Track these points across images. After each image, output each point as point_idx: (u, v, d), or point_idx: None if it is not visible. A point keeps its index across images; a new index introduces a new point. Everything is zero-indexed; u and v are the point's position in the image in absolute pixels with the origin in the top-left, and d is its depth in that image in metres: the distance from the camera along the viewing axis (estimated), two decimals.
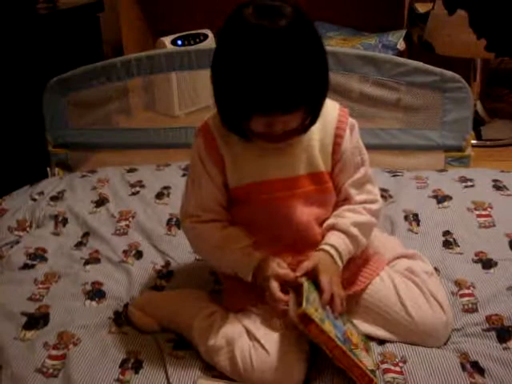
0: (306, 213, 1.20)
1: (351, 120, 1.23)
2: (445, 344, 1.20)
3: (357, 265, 1.24)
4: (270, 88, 1.02)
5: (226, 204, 1.23)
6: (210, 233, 1.21)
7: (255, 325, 1.15)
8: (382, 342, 1.20)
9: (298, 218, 1.19)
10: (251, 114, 1.07)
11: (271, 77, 1.02)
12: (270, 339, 1.12)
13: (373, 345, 1.19)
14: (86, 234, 1.65)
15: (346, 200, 1.23)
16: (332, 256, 1.16)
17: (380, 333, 1.20)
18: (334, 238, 1.18)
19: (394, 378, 1.11)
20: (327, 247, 1.17)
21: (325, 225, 1.21)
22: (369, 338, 1.20)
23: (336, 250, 1.17)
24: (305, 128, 1.14)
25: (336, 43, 2.83)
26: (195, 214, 1.22)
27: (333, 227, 1.19)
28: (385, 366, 1.14)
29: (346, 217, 1.20)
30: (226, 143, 1.18)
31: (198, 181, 1.22)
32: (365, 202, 1.22)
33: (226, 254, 1.19)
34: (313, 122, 1.14)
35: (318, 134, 1.19)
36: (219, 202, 1.22)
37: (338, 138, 1.20)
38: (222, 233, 1.21)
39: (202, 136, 1.20)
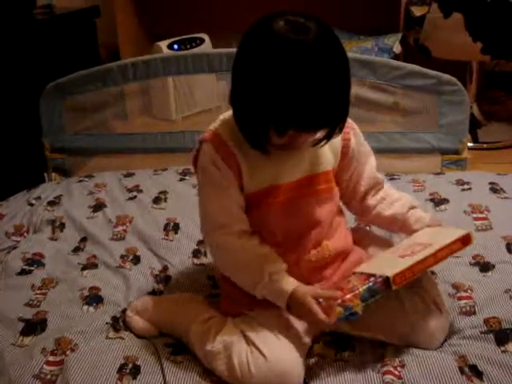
0: (318, 211, 1.22)
1: (350, 122, 1.26)
2: (442, 346, 1.20)
3: (352, 264, 1.25)
4: (314, 105, 1.03)
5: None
6: (242, 251, 1.17)
7: (252, 329, 1.15)
8: (380, 345, 1.20)
9: (312, 216, 1.21)
10: (286, 130, 1.06)
11: (316, 93, 1.02)
12: (268, 344, 1.12)
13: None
14: (83, 239, 1.64)
15: (378, 184, 1.32)
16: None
17: (377, 334, 1.21)
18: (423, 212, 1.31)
19: (393, 380, 1.11)
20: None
21: (397, 209, 1.29)
22: (367, 339, 1.21)
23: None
24: (327, 138, 1.13)
25: None
26: (225, 224, 1.17)
27: (411, 207, 1.30)
28: (385, 368, 1.14)
29: (406, 196, 1.34)
30: (240, 150, 1.16)
31: (220, 188, 1.17)
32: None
33: (258, 277, 1.14)
34: (335, 133, 1.13)
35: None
36: (243, 209, 1.20)
37: (345, 141, 1.25)
38: (255, 251, 1.17)
39: (213, 144, 1.17)
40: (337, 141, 1.22)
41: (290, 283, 1.13)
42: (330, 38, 1.05)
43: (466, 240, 1.19)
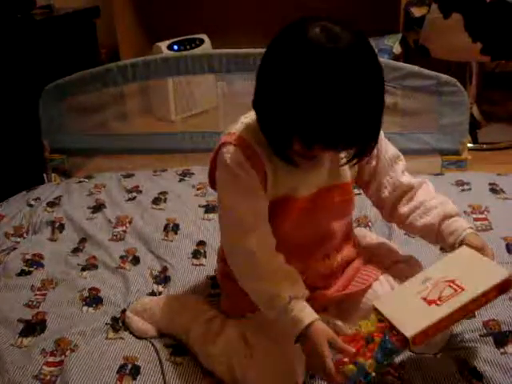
0: (332, 224, 1.19)
1: None
2: (442, 350, 1.19)
3: (356, 267, 1.25)
4: (345, 120, 0.95)
5: None
6: (268, 261, 1.09)
7: (253, 332, 1.15)
8: None
9: (325, 229, 1.19)
10: (313, 145, 1.00)
11: (349, 108, 0.94)
12: (267, 346, 1.11)
13: None
14: (82, 240, 1.64)
15: (408, 191, 1.22)
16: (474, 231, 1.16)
17: None
18: (462, 221, 1.18)
19: (393, 382, 1.11)
20: (470, 230, 1.15)
21: (430, 219, 1.17)
22: None
23: (471, 227, 1.16)
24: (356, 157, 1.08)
25: None
26: (253, 227, 1.09)
27: (450, 216, 1.17)
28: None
29: (445, 204, 1.20)
30: (265, 154, 1.10)
31: (247, 190, 1.10)
32: (422, 183, 1.22)
33: (277, 293, 1.06)
34: (366, 152, 1.08)
35: None
36: (267, 214, 1.13)
37: None
38: (281, 266, 1.10)
39: (238, 146, 1.09)
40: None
41: (309, 314, 1.04)
42: (365, 49, 0.98)
43: (505, 286, 1.02)
